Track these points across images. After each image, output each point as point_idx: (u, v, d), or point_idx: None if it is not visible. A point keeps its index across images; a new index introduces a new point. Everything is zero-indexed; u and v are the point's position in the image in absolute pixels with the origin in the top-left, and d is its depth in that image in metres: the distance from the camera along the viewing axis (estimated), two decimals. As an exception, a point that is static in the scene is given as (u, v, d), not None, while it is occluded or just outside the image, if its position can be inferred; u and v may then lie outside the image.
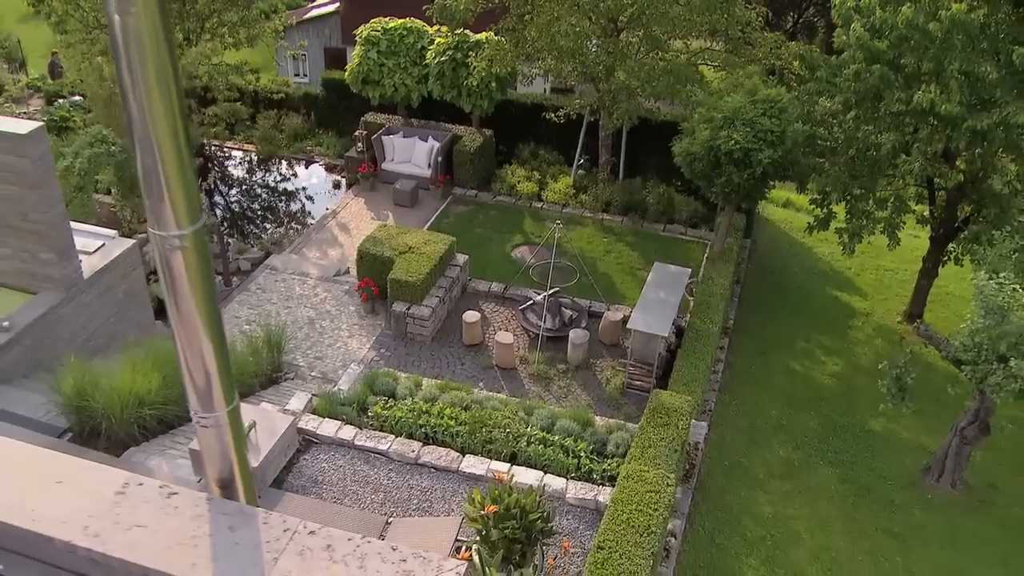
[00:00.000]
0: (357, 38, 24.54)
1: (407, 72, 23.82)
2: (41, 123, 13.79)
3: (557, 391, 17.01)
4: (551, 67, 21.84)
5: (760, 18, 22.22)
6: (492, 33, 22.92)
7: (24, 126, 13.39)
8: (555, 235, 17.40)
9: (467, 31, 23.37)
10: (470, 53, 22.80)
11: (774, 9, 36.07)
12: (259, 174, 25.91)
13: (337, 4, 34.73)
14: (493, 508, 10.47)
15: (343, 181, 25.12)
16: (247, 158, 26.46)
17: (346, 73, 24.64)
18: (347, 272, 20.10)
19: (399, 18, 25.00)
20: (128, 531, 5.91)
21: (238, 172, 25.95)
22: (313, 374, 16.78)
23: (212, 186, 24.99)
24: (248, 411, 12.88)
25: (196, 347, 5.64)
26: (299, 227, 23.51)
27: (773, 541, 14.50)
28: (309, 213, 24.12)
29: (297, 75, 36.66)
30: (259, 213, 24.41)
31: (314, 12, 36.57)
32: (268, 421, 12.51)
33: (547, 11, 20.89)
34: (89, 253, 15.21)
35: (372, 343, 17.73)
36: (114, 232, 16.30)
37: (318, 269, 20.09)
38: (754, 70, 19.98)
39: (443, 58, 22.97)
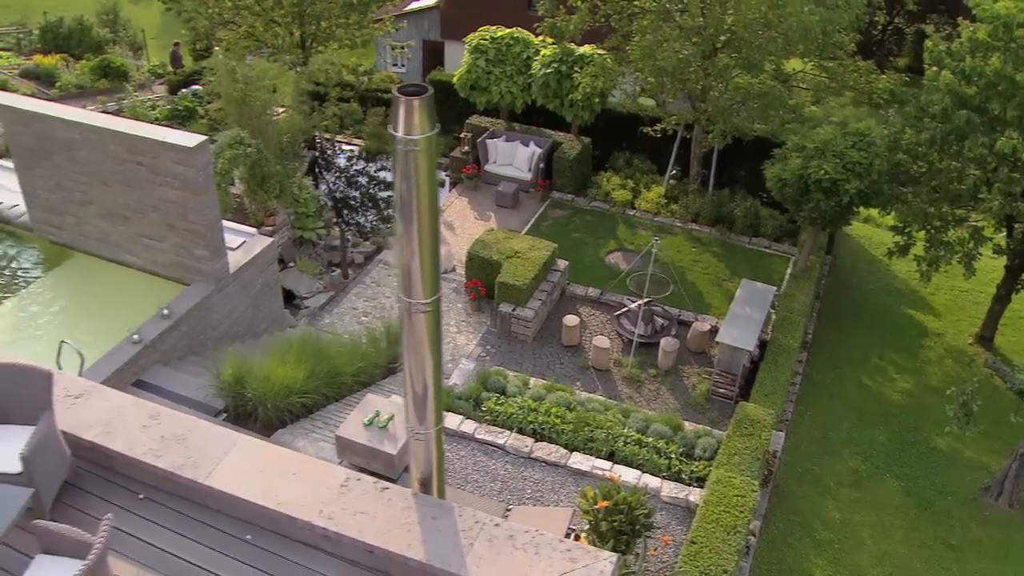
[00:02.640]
0: (466, 45, 26.05)
1: (513, 80, 25.31)
2: (205, 137, 15.47)
3: (647, 394, 18.53)
4: (652, 85, 23.21)
5: (852, 43, 23.31)
6: (595, 48, 24.38)
7: (191, 139, 15.14)
8: (652, 249, 18.85)
9: (572, 44, 24.77)
10: (575, 67, 24.22)
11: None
12: (367, 169, 27.52)
13: (437, -1, 36.19)
14: (604, 503, 12.09)
15: (447, 180, 26.72)
16: (356, 153, 28.11)
17: (455, 78, 26.19)
18: (453, 270, 21.71)
19: (500, 17, 26.46)
20: (354, 516, 7.70)
21: (347, 166, 27.60)
22: (425, 366, 18.41)
23: (319, 174, 26.60)
24: (383, 404, 14.60)
25: (422, 385, 7.38)
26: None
27: (840, 545, 15.94)
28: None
29: (394, 65, 38.27)
30: (369, 207, 26.01)
31: (415, 5, 38.06)
32: (402, 414, 14.18)
33: (649, 32, 22.31)
34: (233, 249, 16.97)
35: (478, 340, 19.38)
36: (254, 230, 18.06)
37: (428, 265, 21.70)
38: (846, 100, 21.20)
39: (549, 70, 24.42)
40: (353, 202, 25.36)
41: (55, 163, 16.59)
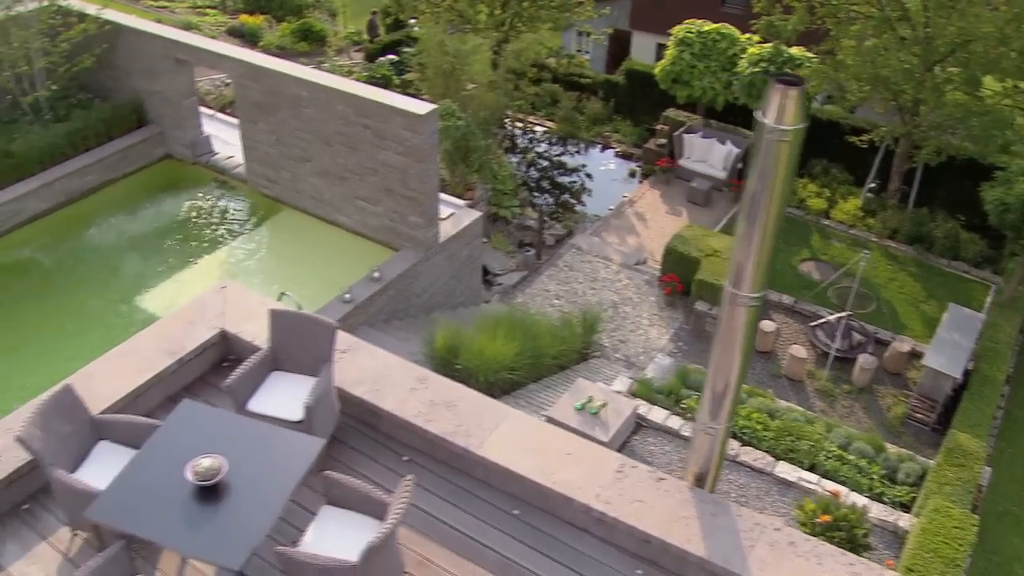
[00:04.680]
0: (672, 37, 25.67)
1: (716, 76, 24.84)
2: (435, 105, 15.55)
3: (840, 409, 17.96)
4: (865, 93, 22.47)
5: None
6: (805, 50, 23.72)
7: (421, 106, 15.20)
8: (861, 263, 18.24)
9: (782, 45, 24.16)
10: (783, 68, 23.62)
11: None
12: (558, 152, 27.49)
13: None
14: (826, 518, 11.70)
15: (639, 171, 26.43)
16: (547, 136, 28.08)
17: (656, 70, 25.84)
18: (644, 262, 21.44)
19: (692, 10, 26.04)
20: (631, 503, 7.53)
21: (539, 148, 27.60)
22: (617, 356, 18.26)
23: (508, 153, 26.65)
24: (595, 390, 14.48)
25: (724, 380, 7.13)
26: (588, 207, 24.94)
27: (1041, 591, 15.19)
28: (605, 197, 25.44)
29: (579, 51, 38.08)
30: (559, 190, 25.95)
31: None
32: (615, 403, 14.06)
33: (867, 38, 21.58)
34: (442, 219, 17.03)
35: (671, 335, 19.09)
36: (463, 203, 18.11)
37: (619, 255, 21.53)
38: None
39: (756, 69, 23.86)
40: (534, 184, 25.36)
41: (279, 119, 16.91)
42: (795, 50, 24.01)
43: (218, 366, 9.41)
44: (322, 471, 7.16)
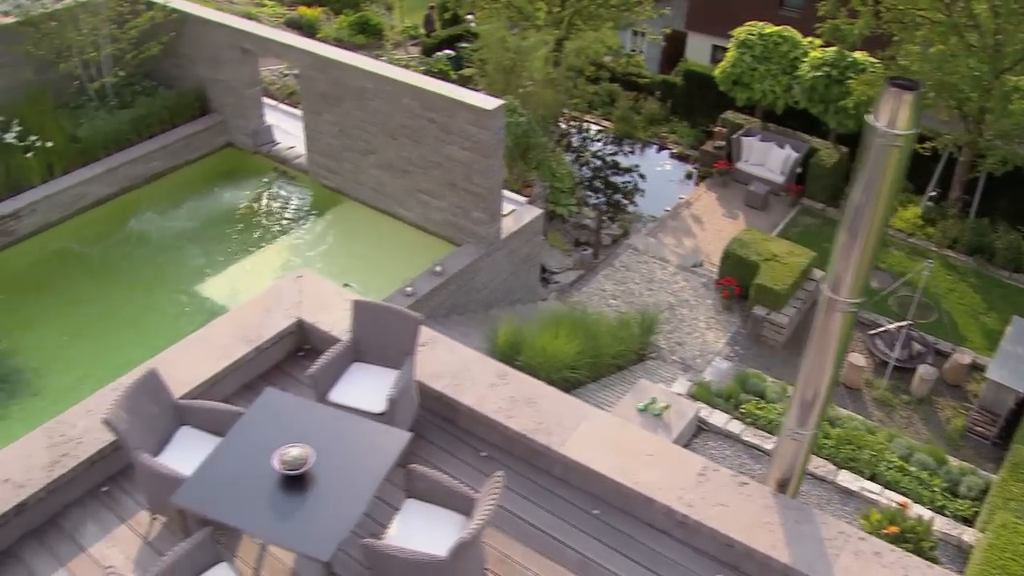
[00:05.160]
0: (733, 38, 25.48)
1: (777, 80, 24.62)
2: (503, 101, 15.48)
3: (899, 420, 17.74)
4: (931, 101, 22.16)
5: None
6: (867, 55, 23.46)
7: (490, 103, 15.12)
8: (924, 273, 18.00)
9: (844, 50, 23.90)
10: (846, 72, 23.36)
11: None
12: (612, 151, 27.37)
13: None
14: (893, 529, 11.53)
15: (695, 173, 26.26)
16: (602, 135, 27.97)
17: (716, 71, 25.67)
18: (701, 265, 21.30)
19: (750, 12, 25.83)
20: (713, 507, 7.43)
21: (595, 147, 27.49)
22: (673, 358, 18.15)
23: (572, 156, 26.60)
24: (657, 391, 14.40)
25: (815, 386, 7.01)
26: (641, 207, 24.81)
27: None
28: (659, 198, 25.31)
29: (633, 50, 37.89)
30: (612, 189, 25.84)
31: (663, -9, 37.51)
32: (678, 405, 13.97)
33: (933, 44, 21.29)
34: (504, 215, 16.97)
35: (727, 339, 18.94)
36: (524, 199, 18.06)
37: (676, 257, 21.42)
38: None
39: (819, 73, 23.63)
40: (587, 183, 25.26)
41: (344, 110, 16.93)
42: (858, 55, 23.75)
43: (293, 355, 9.42)
44: (404, 465, 7.12)
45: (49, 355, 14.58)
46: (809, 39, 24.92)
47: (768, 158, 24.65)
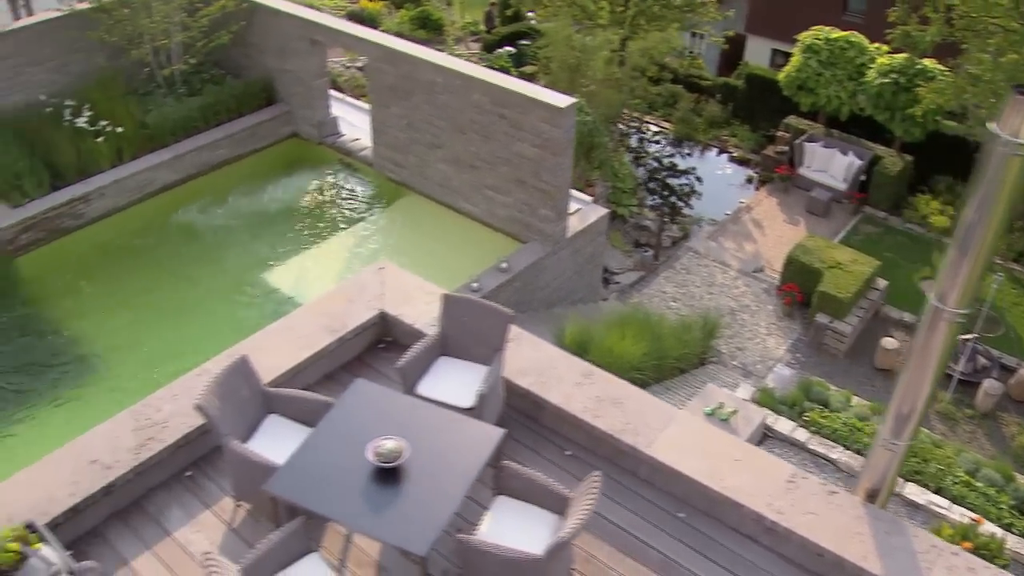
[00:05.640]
0: (798, 43, 25.23)
1: (843, 85, 24.35)
2: (575, 99, 15.39)
3: (962, 434, 17.49)
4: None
5: None
6: (937, 62, 23.13)
7: (562, 100, 15.05)
8: (993, 285, 17.73)
9: (914, 57, 23.58)
10: (915, 80, 23.04)
11: None
12: (672, 153, 27.19)
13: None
14: (967, 544, 11.35)
15: (755, 177, 26.04)
16: (661, 136, 27.81)
17: (780, 76, 25.43)
18: (762, 270, 21.11)
19: (812, 17, 25.54)
20: (803, 515, 7.32)
21: (655, 148, 27.33)
22: (733, 363, 18.00)
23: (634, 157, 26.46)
24: (725, 396, 14.28)
25: (914, 396, 6.89)
26: (697, 210, 24.61)
27: None
28: (716, 201, 25.11)
29: (691, 52, 37.64)
30: (668, 191, 25.66)
31: (722, -6, 37.19)
32: (745, 411, 13.85)
33: (1007, 52, 20.93)
34: (569, 214, 16.91)
35: (788, 346, 18.76)
36: (589, 198, 17.98)
37: (737, 261, 21.25)
38: None
39: (886, 80, 23.34)
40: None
41: (412, 104, 16.93)
42: (927, 62, 23.42)
43: (373, 347, 9.42)
44: (494, 462, 7.09)
45: (115, 338, 14.74)
46: (876, 45, 24.61)
47: (831, 164, 24.38)
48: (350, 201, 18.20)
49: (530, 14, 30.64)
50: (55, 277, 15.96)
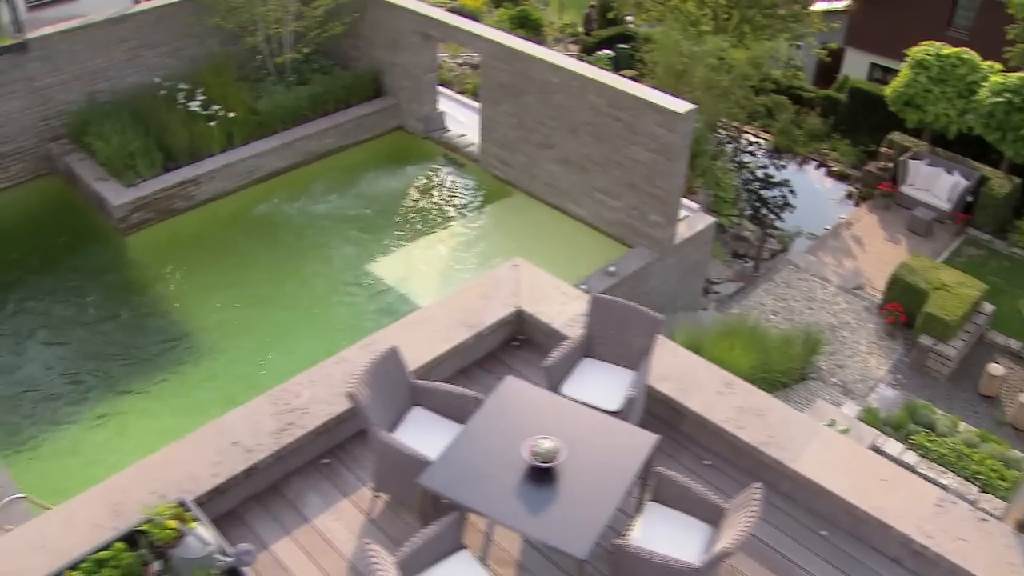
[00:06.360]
0: (908, 58, 24.77)
1: (952, 103, 23.85)
2: (694, 106, 15.23)
3: (1070, 466, 17.05)
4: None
5: None
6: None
7: (681, 105, 14.93)
8: None
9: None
10: (1030, 100, 22.52)
11: None
12: (766, 164, 26.89)
13: (848, 2, 34.68)
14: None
15: (855, 192, 25.63)
16: (757, 146, 27.52)
17: (887, 91, 24.99)
18: (862, 288, 20.76)
19: (916, 31, 25.05)
20: (953, 540, 7.14)
21: (754, 158, 27.05)
22: (833, 380, 17.72)
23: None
24: (836, 414, 14.06)
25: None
26: (790, 224, 24.29)
27: None
28: (812, 215, 24.74)
29: (794, 63, 37.13)
30: (760, 202, 25.37)
31: (822, 6, 36.69)
32: (856, 430, 13.63)
33: None
34: (678, 221, 16.77)
35: (889, 367, 18.41)
36: (697, 206, 17.84)
37: (837, 277, 20.91)
38: None
39: (999, 99, 22.81)
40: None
41: (524, 103, 16.93)
42: (1046, 81, 22.87)
43: (507, 344, 9.40)
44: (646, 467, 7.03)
45: (221, 320, 14.92)
46: (988, 63, 24.08)
47: (935, 184, 23.89)
48: (455, 197, 18.23)
49: (629, 18, 30.50)
50: (164, 256, 16.21)
